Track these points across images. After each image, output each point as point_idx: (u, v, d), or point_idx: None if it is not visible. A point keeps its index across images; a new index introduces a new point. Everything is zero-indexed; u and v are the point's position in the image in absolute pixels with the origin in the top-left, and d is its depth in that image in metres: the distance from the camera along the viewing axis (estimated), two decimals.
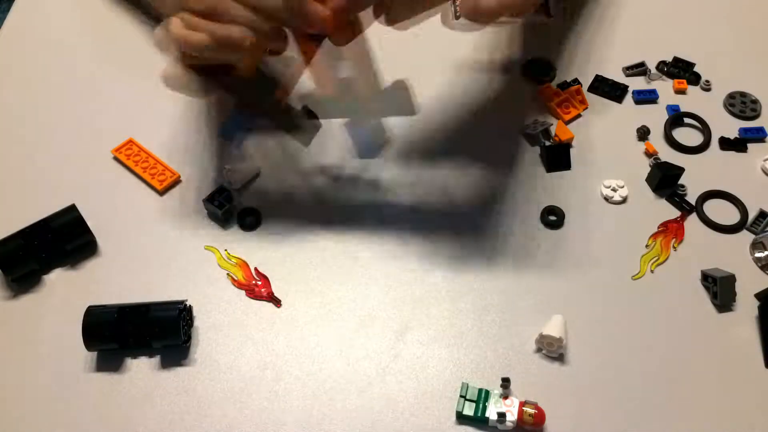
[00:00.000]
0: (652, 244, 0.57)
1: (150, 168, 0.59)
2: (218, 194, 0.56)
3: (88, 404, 0.48)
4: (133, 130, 0.62)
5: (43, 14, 0.72)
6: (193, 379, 0.50)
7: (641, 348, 0.52)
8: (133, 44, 0.69)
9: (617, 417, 0.49)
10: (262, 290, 0.53)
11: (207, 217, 0.57)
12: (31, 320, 0.52)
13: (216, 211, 0.56)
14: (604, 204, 0.59)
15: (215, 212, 0.56)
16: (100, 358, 0.50)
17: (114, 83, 0.66)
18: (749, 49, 0.71)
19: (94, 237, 0.55)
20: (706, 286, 0.55)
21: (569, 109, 0.65)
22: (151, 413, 0.48)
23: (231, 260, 0.55)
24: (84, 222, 0.54)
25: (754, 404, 0.50)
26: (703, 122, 0.64)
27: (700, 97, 0.67)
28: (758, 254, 0.57)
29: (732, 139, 0.63)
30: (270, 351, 0.51)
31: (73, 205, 0.54)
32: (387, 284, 0.54)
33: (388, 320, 0.52)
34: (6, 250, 0.52)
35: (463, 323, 0.53)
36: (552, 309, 0.53)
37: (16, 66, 0.67)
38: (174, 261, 0.55)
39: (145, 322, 0.49)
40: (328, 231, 0.57)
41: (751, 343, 0.52)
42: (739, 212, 0.59)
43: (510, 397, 0.48)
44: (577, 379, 0.50)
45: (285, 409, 0.48)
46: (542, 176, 0.61)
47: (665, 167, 0.59)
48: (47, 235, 0.53)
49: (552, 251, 0.56)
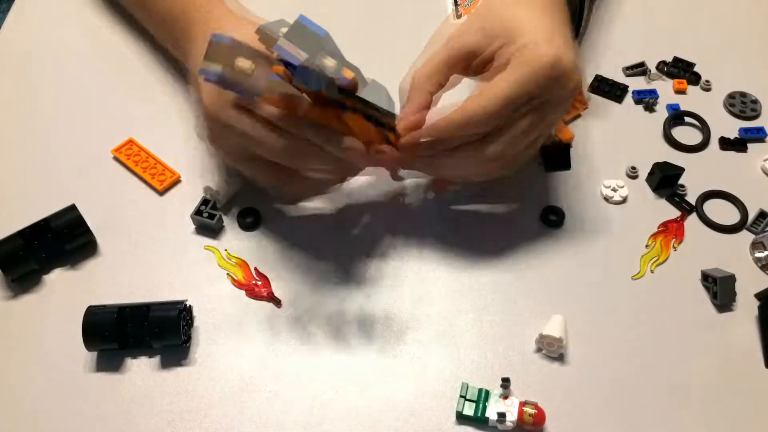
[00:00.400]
0: (652, 244, 0.57)
1: (150, 168, 0.59)
2: (204, 206, 0.56)
3: (88, 404, 0.48)
4: (133, 130, 0.62)
5: (43, 14, 0.72)
6: (193, 379, 0.50)
7: (641, 348, 0.52)
8: (133, 44, 0.69)
9: (617, 417, 0.49)
10: (262, 290, 0.53)
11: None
12: (31, 320, 0.52)
13: (207, 222, 0.55)
14: (604, 204, 0.59)
15: (207, 224, 0.56)
16: (100, 358, 0.50)
17: (114, 83, 0.66)
18: (749, 49, 0.71)
19: (94, 237, 0.55)
20: (706, 286, 0.55)
21: (569, 109, 0.65)
22: (151, 413, 0.48)
23: (231, 260, 0.55)
24: (84, 222, 0.54)
25: (754, 404, 0.50)
26: (702, 121, 0.64)
27: (700, 97, 0.67)
28: (758, 254, 0.57)
29: (732, 139, 0.63)
30: (270, 351, 0.51)
31: (73, 205, 0.54)
32: (387, 284, 0.54)
33: (389, 320, 0.52)
34: (6, 250, 0.52)
35: (463, 323, 0.53)
36: (552, 309, 0.53)
37: (16, 66, 0.67)
38: (174, 261, 0.55)
39: (145, 322, 0.49)
40: (328, 231, 0.57)
41: (751, 343, 0.52)
42: (739, 212, 0.59)
43: (510, 397, 0.48)
44: (577, 379, 0.50)
45: (285, 409, 0.48)
46: (542, 176, 0.61)
47: (665, 167, 0.59)
48: (47, 235, 0.53)
49: (552, 251, 0.56)
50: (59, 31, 0.70)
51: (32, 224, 0.53)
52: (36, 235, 0.53)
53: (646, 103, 0.65)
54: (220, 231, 0.56)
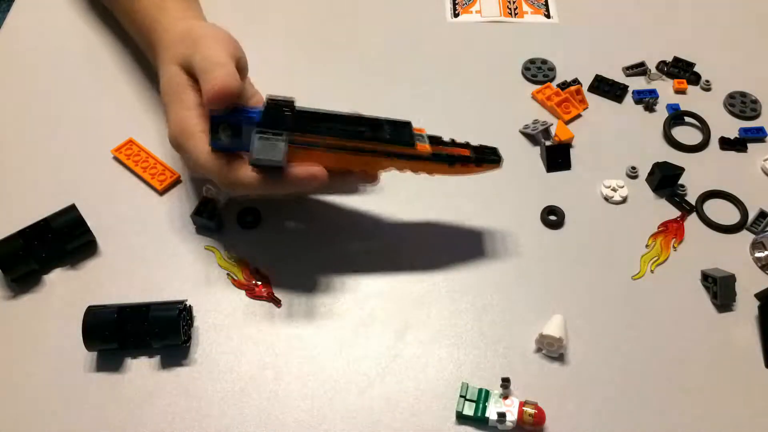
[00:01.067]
0: (652, 244, 0.57)
1: (150, 168, 0.59)
2: (203, 207, 0.56)
3: (88, 404, 0.48)
4: (133, 130, 0.62)
5: (43, 14, 0.72)
6: (193, 379, 0.50)
7: (641, 348, 0.52)
8: (132, 44, 0.69)
9: (617, 417, 0.49)
10: (262, 290, 0.53)
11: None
12: (32, 320, 0.52)
13: (208, 223, 0.55)
14: (604, 204, 0.59)
15: (207, 224, 0.56)
16: (100, 358, 0.50)
17: (114, 83, 0.66)
18: (749, 49, 0.71)
19: (95, 237, 0.55)
20: (706, 286, 0.55)
21: (569, 109, 0.65)
22: (151, 413, 0.48)
23: (231, 260, 0.55)
24: (84, 222, 0.54)
25: (754, 404, 0.50)
26: (702, 121, 0.64)
27: (700, 97, 0.67)
28: (758, 254, 0.57)
29: (732, 139, 0.63)
30: (270, 351, 0.51)
31: (73, 205, 0.54)
32: (387, 284, 0.54)
33: (388, 320, 0.52)
34: (6, 250, 0.52)
35: (463, 323, 0.53)
36: (552, 309, 0.53)
37: (16, 66, 0.67)
38: (174, 261, 0.55)
39: (145, 322, 0.49)
40: (328, 231, 0.57)
41: (751, 343, 0.52)
42: (739, 212, 0.59)
43: (510, 397, 0.48)
44: (577, 379, 0.50)
45: (285, 409, 0.48)
46: (542, 176, 0.61)
47: (665, 167, 0.59)
48: (47, 235, 0.53)
49: (552, 251, 0.56)
50: (59, 31, 0.70)
51: (32, 224, 0.53)
52: (36, 235, 0.53)
53: (646, 103, 0.65)
54: (220, 231, 0.56)
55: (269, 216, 0.57)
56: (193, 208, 0.56)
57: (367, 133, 0.48)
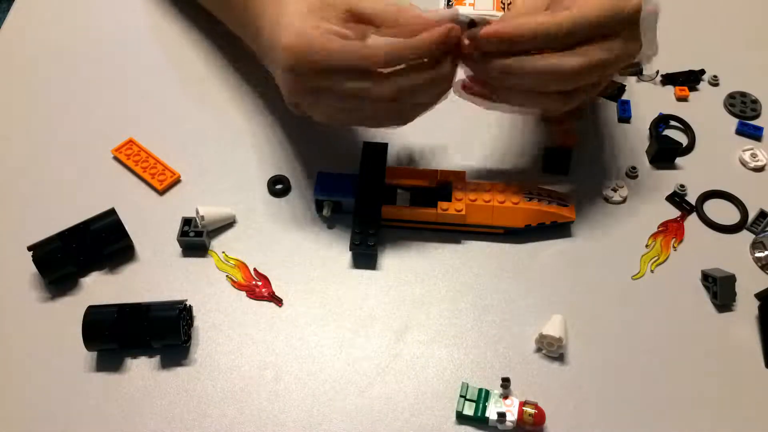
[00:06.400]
0: (652, 244, 0.57)
1: (150, 168, 0.59)
2: (187, 225, 0.55)
3: (88, 404, 0.48)
4: (133, 130, 0.62)
5: (43, 14, 0.72)
6: (193, 379, 0.50)
7: (641, 348, 0.52)
8: (132, 44, 0.69)
9: (617, 417, 0.49)
10: (262, 290, 0.53)
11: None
12: (31, 320, 0.52)
13: (195, 241, 0.54)
14: (604, 204, 0.59)
15: (194, 243, 0.55)
16: (100, 358, 0.50)
17: (114, 83, 0.66)
18: (749, 49, 0.71)
19: (132, 242, 0.55)
20: (706, 286, 0.55)
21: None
22: (151, 413, 0.48)
23: (229, 262, 0.55)
24: (123, 226, 0.53)
25: (754, 404, 0.50)
26: (685, 124, 0.64)
27: (700, 96, 0.67)
28: (758, 254, 0.57)
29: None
30: (270, 351, 0.51)
31: (113, 209, 0.54)
32: (387, 284, 0.54)
33: (388, 320, 0.52)
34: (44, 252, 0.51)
35: (463, 323, 0.53)
36: (552, 309, 0.53)
37: (16, 66, 0.68)
38: (174, 261, 0.55)
39: (145, 322, 0.49)
40: (328, 230, 0.57)
41: (751, 343, 0.52)
42: (739, 212, 0.59)
43: (510, 397, 0.48)
44: (577, 379, 0.50)
45: (285, 409, 0.48)
46: (542, 176, 0.61)
47: (664, 140, 0.60)
48: (86, 239, 0.52)
49: (552, 251, 0.56)
50: (59, 31, 0.70)
51: (71, 227, 0.53)
52: (75, 237, 0.52)
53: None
54: (209, 245, 0.56)
55: (270, 216, 0.57)
56: (193, 208, 0.56)
57: None
